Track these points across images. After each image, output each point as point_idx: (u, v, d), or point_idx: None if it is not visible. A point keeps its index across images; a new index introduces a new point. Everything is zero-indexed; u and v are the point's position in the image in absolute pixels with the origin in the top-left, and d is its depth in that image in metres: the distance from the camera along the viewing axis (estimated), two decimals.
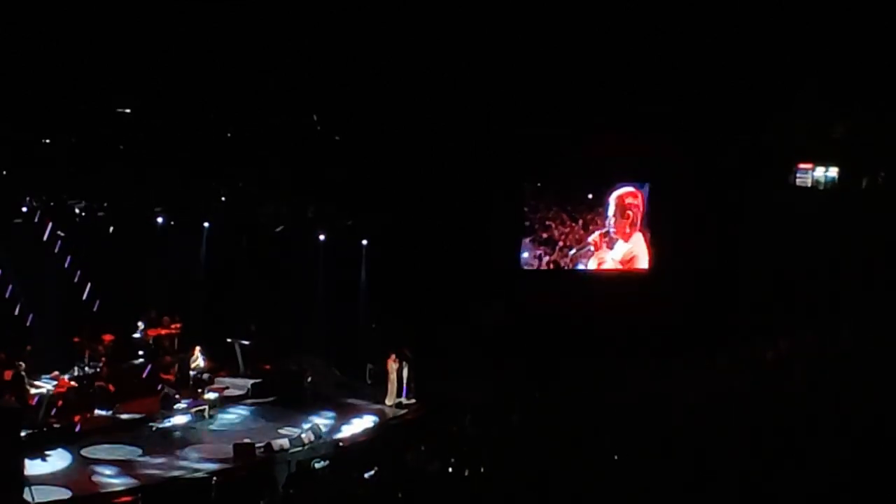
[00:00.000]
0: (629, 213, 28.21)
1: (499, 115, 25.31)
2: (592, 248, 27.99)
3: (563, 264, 27.80)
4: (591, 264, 28.22)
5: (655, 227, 28.82)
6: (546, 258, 27.69)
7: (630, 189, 28.10)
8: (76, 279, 25.14)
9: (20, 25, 18.81)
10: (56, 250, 24.54)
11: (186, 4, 20.31)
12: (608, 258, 28.23)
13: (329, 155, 24.24)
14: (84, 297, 25.27)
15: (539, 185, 27.74)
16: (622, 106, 25.90)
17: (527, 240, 27.68)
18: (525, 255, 27.81)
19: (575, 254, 27.86)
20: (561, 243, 27.81)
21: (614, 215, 28.03)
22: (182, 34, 20.55)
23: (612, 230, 28.12)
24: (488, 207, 26.86)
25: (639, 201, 28.17)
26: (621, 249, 28.35)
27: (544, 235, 27.61)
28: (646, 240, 28.53)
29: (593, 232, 28.05)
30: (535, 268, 27.80)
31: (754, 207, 27.99)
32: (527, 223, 27.78)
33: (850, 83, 25.76)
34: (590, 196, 28.22)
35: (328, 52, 22.58)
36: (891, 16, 23.39)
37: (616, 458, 13.63)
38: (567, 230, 27.83)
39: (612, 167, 28.30)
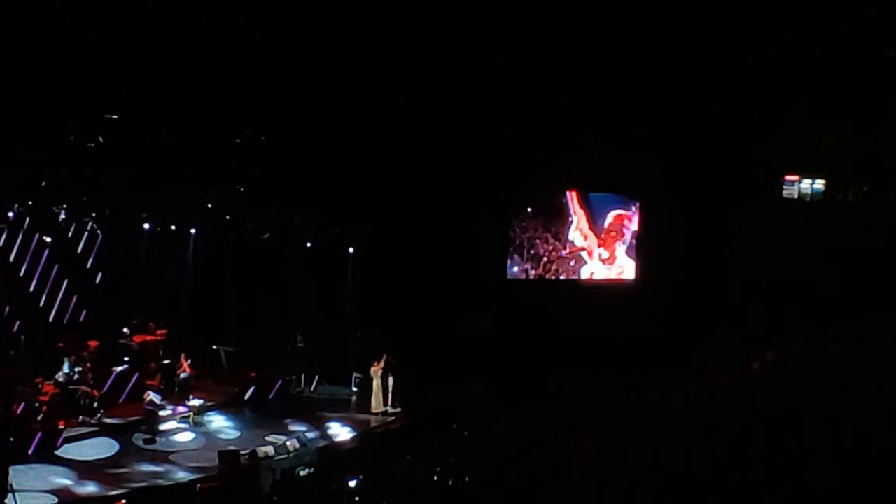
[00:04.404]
0: (613, 232, 29.10)
1: (488, 127, 25.33)
2: (586, 256, 28.52)
3: (547, 278, 28.55)
4: (584, 273, 28.72)
5: (643, 238, 28.94)
6: (532, 272, 28.47)
7: (626, 212, 28.95)
8: (61, 284, 25.12)
9: (8, 29, 18.71)
10: (40, 255, 24.51)
11: (175, 10, 20.21)
12: (598, 267, 29.03)
13: (317, 162, 24.16)
14: (69, 302, 25.24)
15: (529, 209, 28.55)
16: (609, 119, 25.95)
17: (516, 255, 28.20)
18: (515, 269, 28.22)
19: (562, 266, 28.44)
20: (545, 259, 28.13)
21: (608, 229, 28.74)
22: (171, 40, 20.47)
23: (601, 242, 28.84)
24: (476, 217, 26.87)
25: (633, 223, 29.09)
26: (610, 260, 29.17)
27: (531, 252, 28.35)
28: (631, 254, 28.83)
29: (581, 249, 28.70)
30: (522, 279, 28.12)
31: (741, 218, 28.08)
32: (515, 240, 28.22)
33: (837, 96, 25.85)
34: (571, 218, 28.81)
35: (319, 60, 22.54)
36: (877, 29, 23.50)
37: (603, 466, 13.61)
38: (550, 247, 28.51)
39: (599, 181, 28.52)
